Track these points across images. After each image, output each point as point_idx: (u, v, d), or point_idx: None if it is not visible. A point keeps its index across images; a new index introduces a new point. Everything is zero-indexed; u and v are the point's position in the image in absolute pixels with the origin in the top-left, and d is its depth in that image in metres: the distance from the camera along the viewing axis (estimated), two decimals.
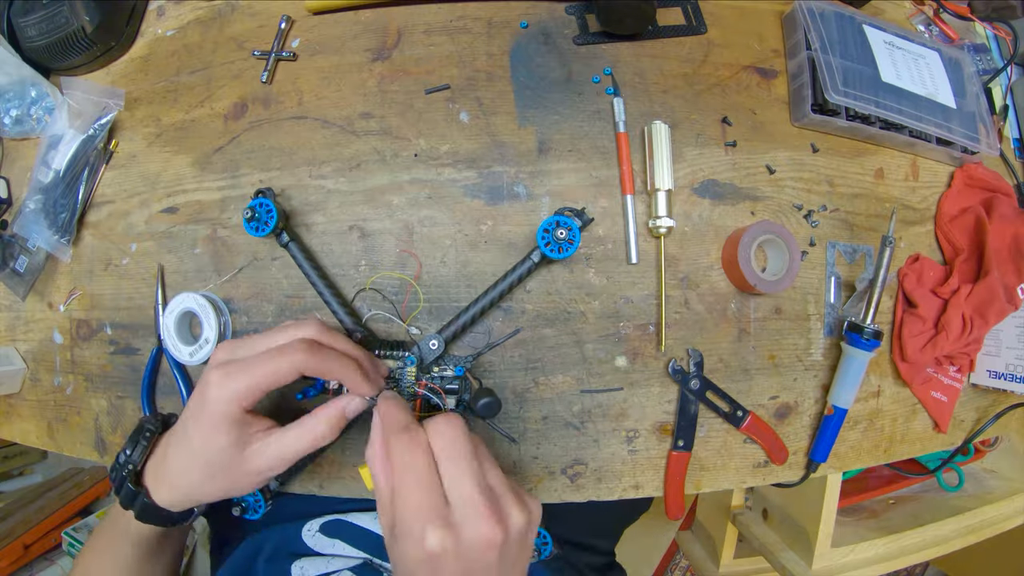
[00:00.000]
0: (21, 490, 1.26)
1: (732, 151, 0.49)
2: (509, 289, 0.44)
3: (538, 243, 0.41)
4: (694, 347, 0.47)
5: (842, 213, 0.51)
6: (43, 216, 0.51)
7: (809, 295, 0.50)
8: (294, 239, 0.46)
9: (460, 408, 0.44)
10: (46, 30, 0.50)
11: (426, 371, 0.44)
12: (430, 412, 0.43)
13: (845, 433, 0.50)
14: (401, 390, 0.43)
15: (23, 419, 0.57)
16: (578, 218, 0.42)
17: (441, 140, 0.48)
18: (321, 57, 0.50)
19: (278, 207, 0.43)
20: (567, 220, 0.41)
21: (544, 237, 0.41)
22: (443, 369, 0.44)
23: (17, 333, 0.57)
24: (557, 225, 0.40)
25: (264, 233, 0.43)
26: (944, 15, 0.59)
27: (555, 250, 0.41)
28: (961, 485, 0.70)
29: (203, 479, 0.37)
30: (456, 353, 0.46)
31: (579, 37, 0.49)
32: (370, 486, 0.35)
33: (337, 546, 0.47)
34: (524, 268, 0.44)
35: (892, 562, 0.61)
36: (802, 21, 0.49)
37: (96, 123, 0.51)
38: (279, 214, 0.43)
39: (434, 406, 0.43)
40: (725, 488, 0.49)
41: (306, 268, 0.45)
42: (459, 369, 0.44)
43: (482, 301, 0.44)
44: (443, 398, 0.43)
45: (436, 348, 0.43)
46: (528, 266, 0.44)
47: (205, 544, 1.27)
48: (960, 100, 0.53)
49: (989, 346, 0.54)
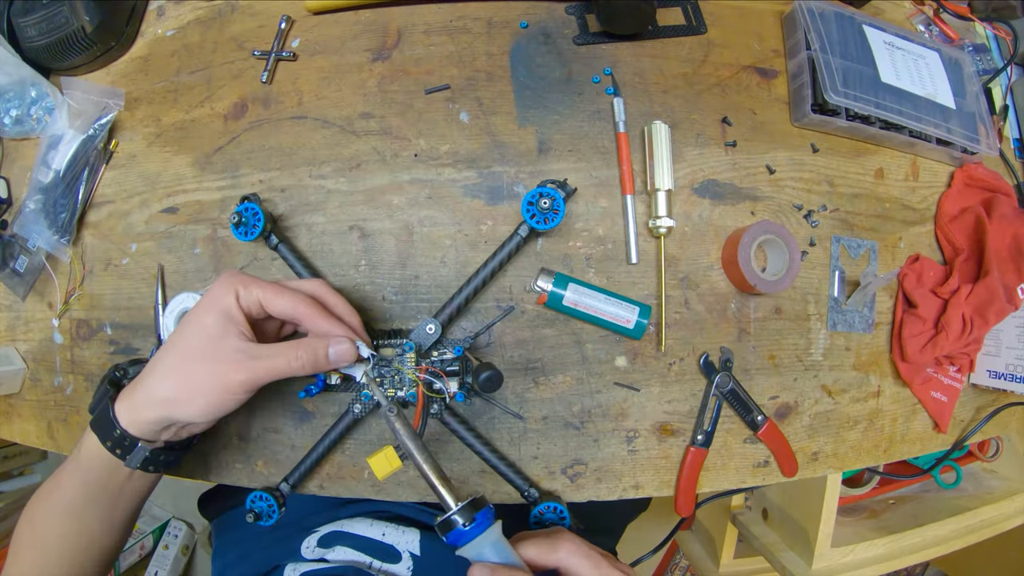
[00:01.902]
0: (21, 490, 1.26)
1: (732, 151, 0.49)
2: (500, 266, 0.44)
3: (523, 215, 0.42)
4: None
5: (842, 213, 0.51)
6: (43, 216, 0.51)
7: (809, 295, 0.50)
8: (283, 240, 0.46)
9: (464, 389, 0.44)
10: (46, 30, 0.50)
11: (425, 356, 0.44)
12: (433, 395, 0.43)
13: (845, 433, 0.50)
14: (402, 377, 0.43)
15: (23, 419, 0.57)
16: (561, 188, 0.43)
17: (441, 140, 0.48)
18: (321, 57, 0.50)
19: (264, 211, 0.44)
20: (550, 190, 0.41)
21: (529, 209, 0.41)
22: (442, 353, 0.44)
23: (17, 333, 0.57)
24: (540, 196, 0.41)
25: (252, 237, 0.44)
26: (944, 15, 0.59)
27: (540, 221, 0.41)
28: (958, 482, 0.70)
29: (181, 379, 0.36)
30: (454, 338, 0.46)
31: (579, 37, 0.49)
32: (380, 476, 0.36)
33: (338, 551, 0.47)
34: (513, 244, 0.44)
35: (892, 562, 0.61)
36: (802, 21, 0.49)
37: (96, 123, 0.51)
38: (265, 217, 0.44)
39: (436, 389, 0.43)
40: (725, 488, 0.49)
41: (298, 268, 0.46)
42: (458, 349, 0.44)
43: (474, 281, 0.44)
44: (445, 381, 0.43)
45: (433, 332, 0.44)
46: (516, 241, 0.44)
47: (205, 544, 1.27)
48: (960, 100, 0.53)
49: (989, 346, 0.54)
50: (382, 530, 0.48)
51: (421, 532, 0.48)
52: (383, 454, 0.39)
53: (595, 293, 0.44)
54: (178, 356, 0.36)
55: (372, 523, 0.49)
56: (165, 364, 0.36)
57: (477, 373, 0.40)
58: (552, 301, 0.44)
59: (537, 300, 0.45)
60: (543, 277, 0.44)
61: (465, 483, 0.47)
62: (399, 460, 0.40)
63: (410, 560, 0.46)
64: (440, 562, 0.46)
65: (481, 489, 0.46)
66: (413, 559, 0.46)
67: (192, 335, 0.36)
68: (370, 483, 0.47)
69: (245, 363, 0.35)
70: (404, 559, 0.46)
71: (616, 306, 0.44)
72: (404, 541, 0.47)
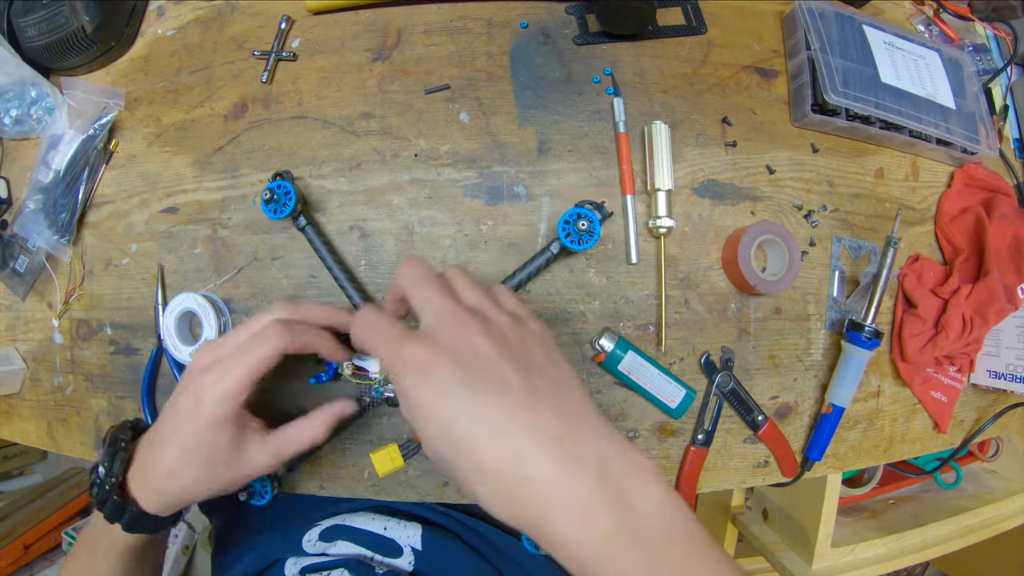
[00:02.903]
0: (21, 490, 1.26)
1: (732, 151, 0.49)
2: (527, 279, 0.44)
3: (558, 234, 0.42)
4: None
5: (842, 213, 0.51)
6: (43, 216, 0.51)
7: (809, 295, 0.50)
8: (311, 222, 0.46)
9: None
10: (46, 30, 0.50)
11: None
12: None
13: (845, 433, 0.50)
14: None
15: (23, 419, 0.57)
16: (598, 211, 0.43)
17: (441, 140, 0.48)
18: (321, 57, 0.50)
19: (297, 190, 0.44)
20: (588, 212, 0.41)
21: (565, 228, 0.42)
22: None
23: (17, 333, 0.57)
24: (578, 217, 0.41)
25: (283, 215, 0.43)
26: (944, 15, 0.59)
27: (575, 241, 0.42)
28: (958, 482, 0.70)
29: (197, 479, 0.36)
30: None
31: (579, 37, 0.49)
32: (381, 472, 0.37)
33: (339, 545, 0.47)
34: (543, 259, 0.44)
35: (892, 562, 0.61)
36: (802, 21, 0.49)
37: (96, 123, 0.51)
38: (297, 197, 0.44)
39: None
40: (725, 488, 0.49)
41: (323, 252, 0.46)
42: None
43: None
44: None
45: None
46: (547, 256, 0.44)
47: (205, 544, 1.27)
48: (960, 100, 0.53)
49: (989, 346, 0.54)
50: (384, 524, 0.48)
51: (423, 526, 0.48)
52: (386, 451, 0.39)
53: (649, 366, 0.45)
54: (201, 474, 0.37)
55: (374, 517, 0.49)
56: (183, 482, 0.37)
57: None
58: (609, 362, 0.45)
59: (594, 358, 0.45)
60: (607, 337, 0.45)
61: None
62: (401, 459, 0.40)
63: (411, 554, 0.46)
64: (441, 556, 0.47)
65: None
66: (415, 553, 0.46)
67: (215, 453, 0.36)
68: (370, 483, 0.47)
69: (266, 468, 0.38)
70: (406, 553, 0.46)
71: (666, 382, 0.45)
72: (406, 535, 0.47)
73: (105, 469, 0.37)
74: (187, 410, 0.36)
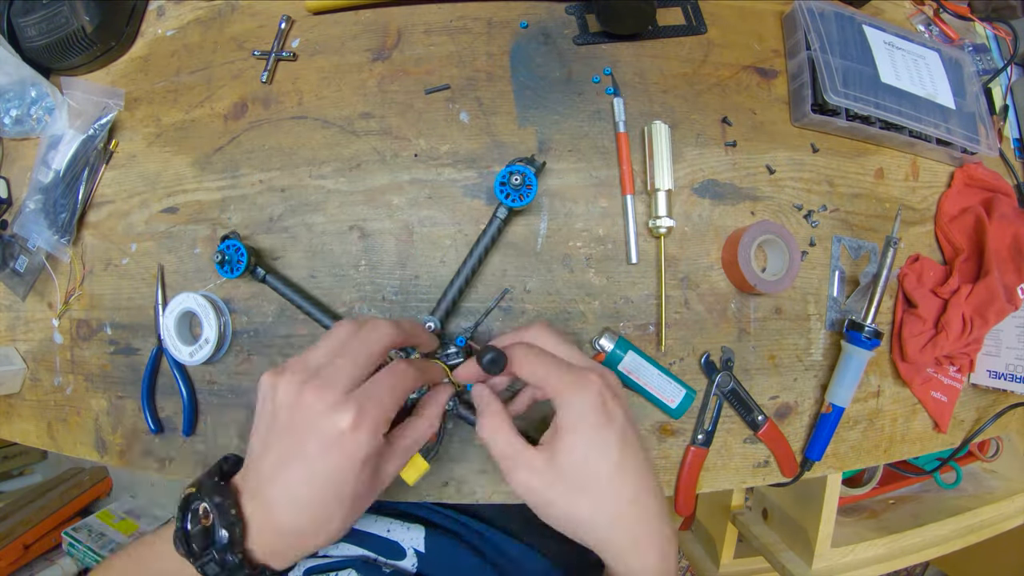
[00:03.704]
0: (21, 490, 1.26)
1: (732, 151, 0.49)
2: (485, 252, 0.45)
3: (498, 196, 0.42)
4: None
5: (842, 213, 0.51)
6: (43, 216, 0.51)
7: (809, 295, 0.50)
8: (270, 271, 0.46)
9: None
10: (46, 30, 0.50)
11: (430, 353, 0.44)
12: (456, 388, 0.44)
13: (845, 433, 0.50)
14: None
15: (23, 419, 0.57)
16: (530, 164, 0.43)
17: (441, 140, 0.48)
18: (321, 57, 0.50)
19: (246, 246, 0.45)
20: (520, 167, 0.42)
21: (503, 189, 0.42)
22: (446, 347, 0.44)
23: (17, 333, 0.57)
24: (511, 174, 0.42)
25: (237, 274, 0.45)
26: (944, 15, 0.59)
27: (515, 199, 0.42)
28: (958, 482, 0.70)
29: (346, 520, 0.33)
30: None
31: (579, 37, 0.49)
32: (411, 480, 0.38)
33: (342, 547, 0.47)
34: (493, 227, 0.44)
35: (892, 562, 0.61)
36: (802, 21, 0.49)
37: (96, 123, 0.51)
38: (248, 252, 0.45)
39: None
40: (725, 488, 0.49)
41: (289, 295, 0.46)
42: (460, 340, 0.44)
43: (464, 271, 0.44)
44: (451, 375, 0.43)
45: (433, 329, 0.44)
46: (496, 224, 0.44)
47: None
48: (960, 100, 0.53)
49: (989, 346, 0.54)
50: (387, 526, 0.48)
51: (426, 528, 0.48)
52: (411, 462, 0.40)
53: (650, 366, 0.45)
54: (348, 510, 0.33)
55: (377, 519, 0.49)
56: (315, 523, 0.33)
57: (480, 356, 0.41)
58: (609, 362, 0.45)
59: (594, 358, 0.45)
60: (607, 336, 0.45)
61: (464, 483, 0.47)
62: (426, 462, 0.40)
63: (415, 556, 0.46)
64: (444, 558, 0.47)
65: (481, 489, 0.46)
66: (417, 556, 0.46)
67: (358, 487, 0.33)
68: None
69: (391, 479, 0.36)
70: (408, 555, 0.46)
71: (666, 382, 0.46)
72: (409, 537, 0.47)
73: (222, 541, 0.32)
74: (316, 448, 0.31)
